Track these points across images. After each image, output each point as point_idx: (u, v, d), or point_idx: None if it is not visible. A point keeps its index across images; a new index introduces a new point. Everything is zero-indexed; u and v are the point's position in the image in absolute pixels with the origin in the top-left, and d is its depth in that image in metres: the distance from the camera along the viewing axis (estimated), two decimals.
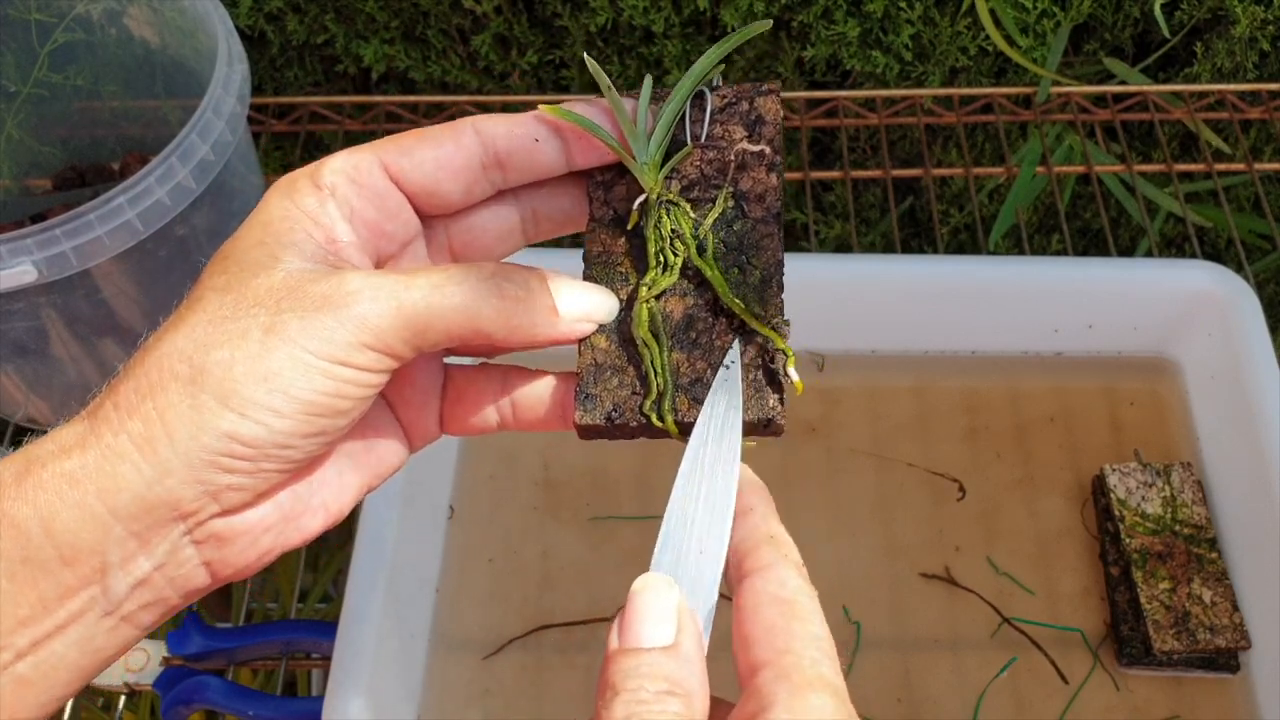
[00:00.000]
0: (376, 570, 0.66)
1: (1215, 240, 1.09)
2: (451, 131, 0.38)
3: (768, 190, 0.40)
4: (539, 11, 1.00)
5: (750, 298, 0.38)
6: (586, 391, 0.38)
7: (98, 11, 0.85)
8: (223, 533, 0.35)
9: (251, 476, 0.34)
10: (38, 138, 0.90)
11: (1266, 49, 0.97)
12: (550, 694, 0.69)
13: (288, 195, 0.37)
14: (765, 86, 0.42)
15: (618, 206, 0.41)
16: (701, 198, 0.40)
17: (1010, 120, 0.99)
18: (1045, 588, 0.72)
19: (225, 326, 0.33)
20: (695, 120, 0.42)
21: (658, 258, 0.39)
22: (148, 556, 0.34)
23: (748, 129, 0.41)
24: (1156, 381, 0.81)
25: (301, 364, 0.33)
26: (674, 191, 0.40)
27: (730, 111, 0.42)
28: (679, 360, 0.38)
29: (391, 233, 0.39)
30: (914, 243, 1.13)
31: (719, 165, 0.41)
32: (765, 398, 0.37)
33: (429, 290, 0.34)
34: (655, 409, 0.37)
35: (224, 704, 0.69)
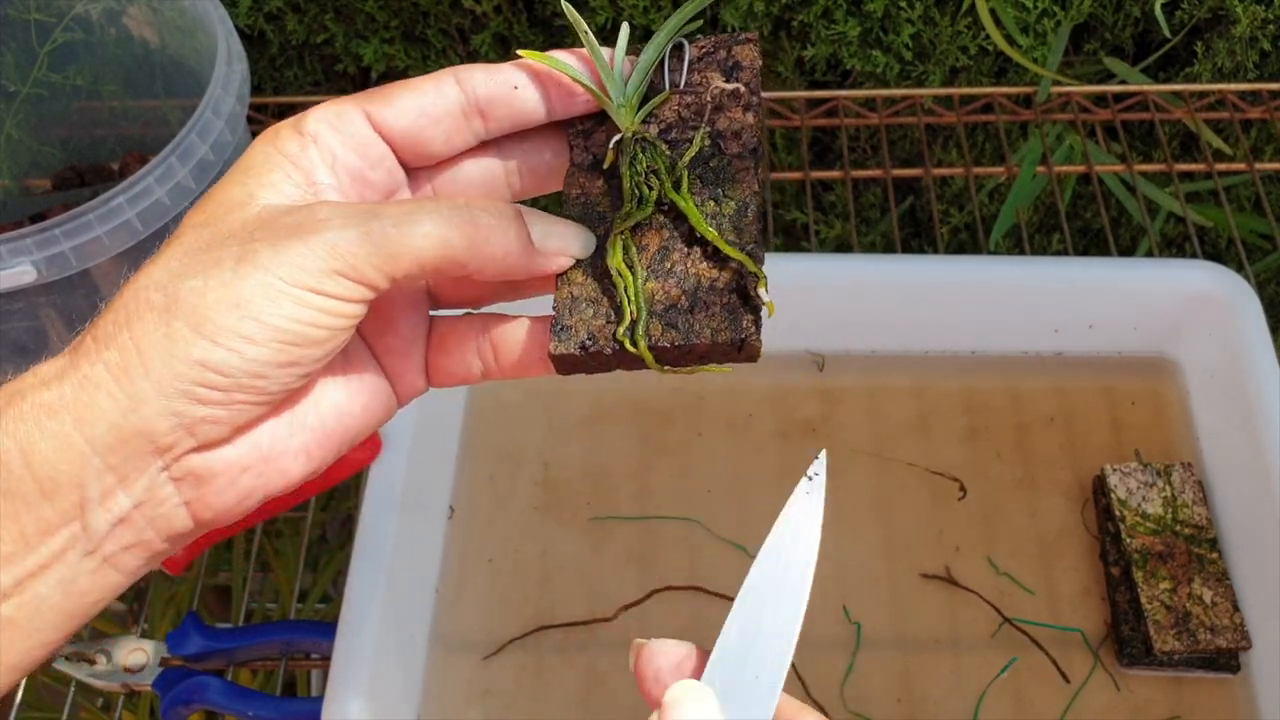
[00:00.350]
0: (376, 570, 0.66)
1: (1216, 240, 1.09)
2: (433, 80, 0.39)
3: (744, 128, 0.41)
4: (539, 11, 1.00)
5: (725, 227, 0.39)
6: (562, 323, 0.38)
7: (97, 11, 0.85)
8: (200, 470, 0.35)
9: (226, 408, 0.34)
10: (37, 137, 0.90)
11: (1267, 48, 0.97)
12: (550, 694, 0.69)
13: (270, 141, 0.37)
14: (743, 35, 0.43)
15: (597, 151, 0.41)
16: (679, 139, 0.41)
17: (1010, 120, 0.99)
18: (1046, 588, 0.72)
19: (200, 257, 0.34)
20: (674, 70, 0.43)
21: (633, 192, 0.39)
22: (127, 493, 0.34)
23: (725, 74, 0.42)
24: (1157, 381, 0.81)
25: (273, 290, 0.33)
26: (652, 134, 0.41)
27: (708, 60, 0.43)
28: (654, 289, 0.38)
29: (375, 181, 0.39)
30: (914, 243, 1.13)
31: (696, 108, 0.41)
32: (739, 319, 0.38)
33: (399, 217, 0.35)
34: (629, 334, 0.38)
35: (223, 704, 0.69)
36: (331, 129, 0.38)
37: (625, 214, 0.39)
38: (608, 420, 0.79)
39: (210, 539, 0.73)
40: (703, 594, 0.72)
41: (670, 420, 0.79)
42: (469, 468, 0.77)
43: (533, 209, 0.38)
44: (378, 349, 0.40)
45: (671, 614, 0.71)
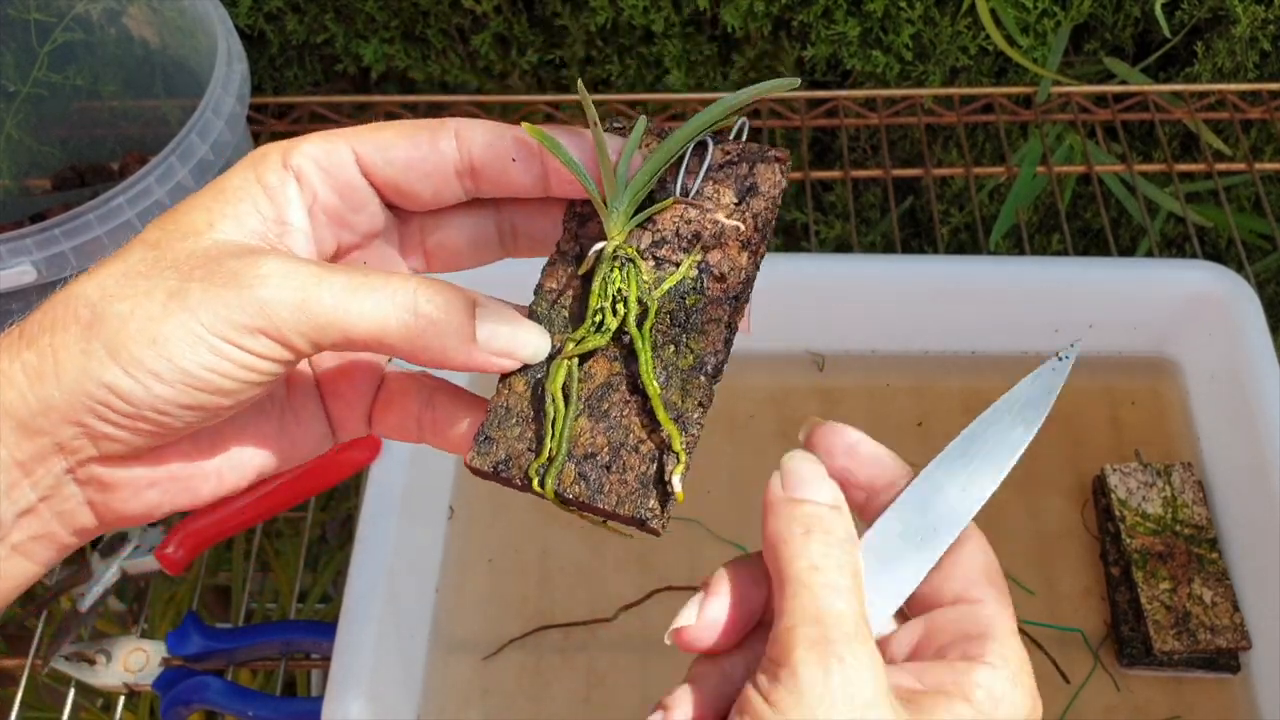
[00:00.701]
0: (376, 571, 0.66)
1: (1216, 240, 1.09)
2: (429, 132, 0.38)
3: (734, 269, 0.38)
4: (539, 11, 1.00)
5: (674, 382, 0.36)
6: (487, 434, 0.37)
7: (97, 11, 0.85)
8: (104, 479, 0.35)
9: (128, 432, 0.34)
10: (37, 138, 0.90)
11: (1267, 49, 0.97)
12: (550, 694, 0.69)
13: (253, 167, 0.37)
14: (772, 152, 0.39)
15: (585, 244, 0.39)
16: (667, 259, 0.38)
17: (1010, 120, 0.99)
18: (1046, 588, 0.72)
19: (135, 282, 0.34)
20: (691, 171, 0.39)
21: (594, 315, 0.37)
22: (32, 487, 0.34)
23: (739, 195, 0.39)
24: (1157, 381, 0.81)
25: (191, 335, 0.33)
26: (642, 245, 0.38)
27: (728, 170, 0.39)
28: (583, 428, 0.36)
29: (355, 224, 0.38)
30: (914, 243, 1.13)
31: (696, 228, 0.38)
32: (648, 496, 0.36)
33: (340, 290, 0.34)
34: (539, 473, 0.36)
35: (223, 704, 0.69)
36: (317, 167, 0.37)
37: (579, 338, 0.37)
38: None
39: (209, 539, 0.73)
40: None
41: None
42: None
43: (497, 302, 0.37)
44: (326, 391, 0.40)
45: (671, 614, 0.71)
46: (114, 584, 0.72)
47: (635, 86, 1.03)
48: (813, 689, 0.31)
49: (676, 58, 1.00)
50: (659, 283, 0.38)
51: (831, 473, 0.37)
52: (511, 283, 0.43)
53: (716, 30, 1.01)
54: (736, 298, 0.38)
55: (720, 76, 1.03)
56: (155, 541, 0.72)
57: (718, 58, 1.02)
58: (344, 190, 0.37)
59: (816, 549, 0.34)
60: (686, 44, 0.99)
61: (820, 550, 0.34)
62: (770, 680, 0.32)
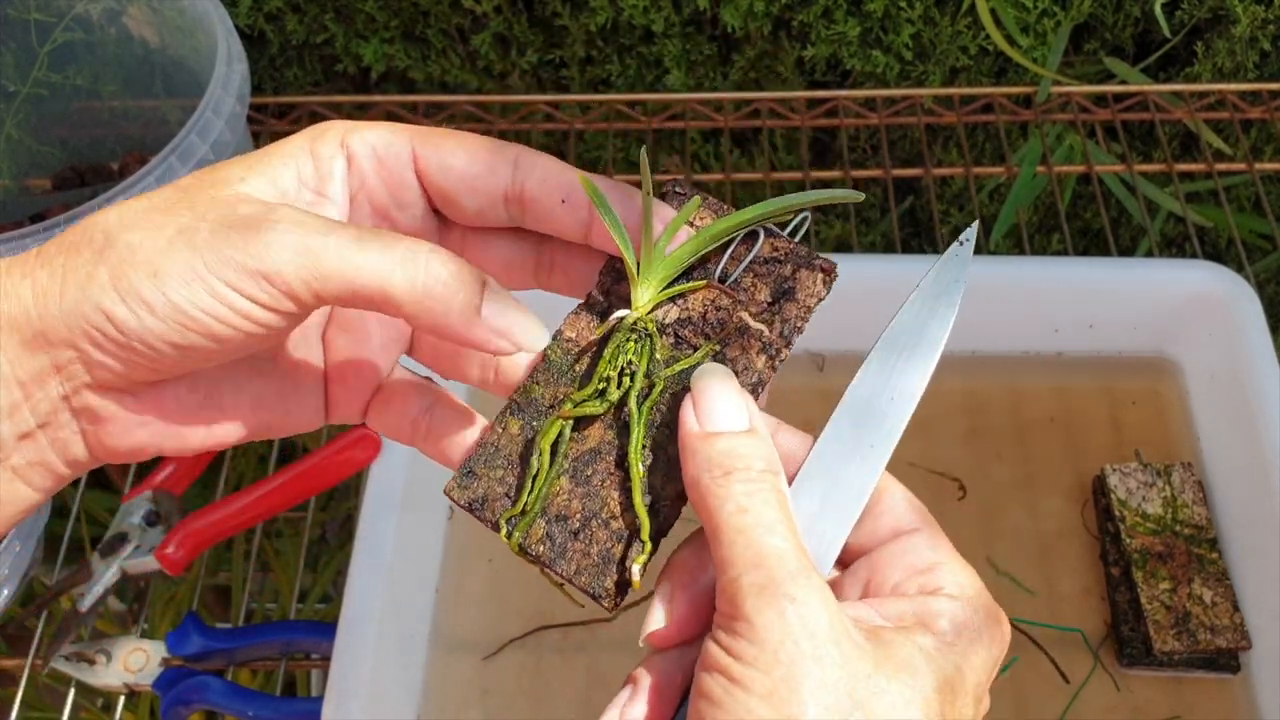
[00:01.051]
0: (376, 571, 0.66)
1: (1216, 240, 1.09)
2: (490, 152, 0.38)
3: (748, 370, 0.37)
4: (539, 11, 1.00)
5: (659, 466, 0.36)
6: (471, 468, 0.37)
7: (97, 11, 0.85)
8: (97, 409, 0.35)
9: (119, 361, 0.34)
10: (37, 137, 0.90)
11: (1267, 48, 0.97)
12: (550, 694, 0.69)
13: (313, 138, 0.37)
14: (820, 261, 0.38)
15: (615, 302, 0.38)
16: (688, 339, 0.38)
17: (1010, 120, 0.99)
18: (1046, 588, 0.72)
19: (153, 216, 0.34)
20: (737, 257, 0.38)
21: (599, 382, 0.36)
22: (31, 411, 0.34)
23: (774, 296, 0.38)
24: (1157, 381, 0.81)
25: (191, 272, 0.33)
26: (667, 319, 0.38)
27: (771, 267, 0.38)
28: (561, 489, 0.36)
29: (397, 220, 0.39)
30: (914, 243, 1.13)
31: (724, 317, 0.38)
32: (607, 573, 0.36)
33: (348, 241, 0.34)
34: (510, 524, 0.36)
35: (223, 704, 0.69)
36: (374, 155, 0.37)
37: (578, 401, 0.36)
38: None
39: (209, 539, 0.73)
40: None
41: None
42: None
43: (503, 291, 0.36)
44: (331, 374, 0.40)
45: None
46: (114, 584, 0.72)
47: (635, 86, 1.03)
48: (771, 634, 0.31)
49: (676, 57, 1.00)
50: (673, 361, 0.37)
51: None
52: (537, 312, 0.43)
53: (716, 30, 1.01)
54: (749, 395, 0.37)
55: (720, 76, 1.03)
56: (155, 541, 0.72)
57: (718, 57, 1.02)
58: (394, 185, 0.38)
59: (739, 489, 0.33)
60: (686, 44, 0.99)
61: (743, 489, 0.33)
62: (729, 634, 0.32)
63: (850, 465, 0.36)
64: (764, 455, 0.34)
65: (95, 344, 0.33)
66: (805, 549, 0.33)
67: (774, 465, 0.34)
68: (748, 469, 0.34)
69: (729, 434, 0.34)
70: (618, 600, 0.36)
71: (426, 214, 0.39)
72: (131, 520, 0.73)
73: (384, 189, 0.38)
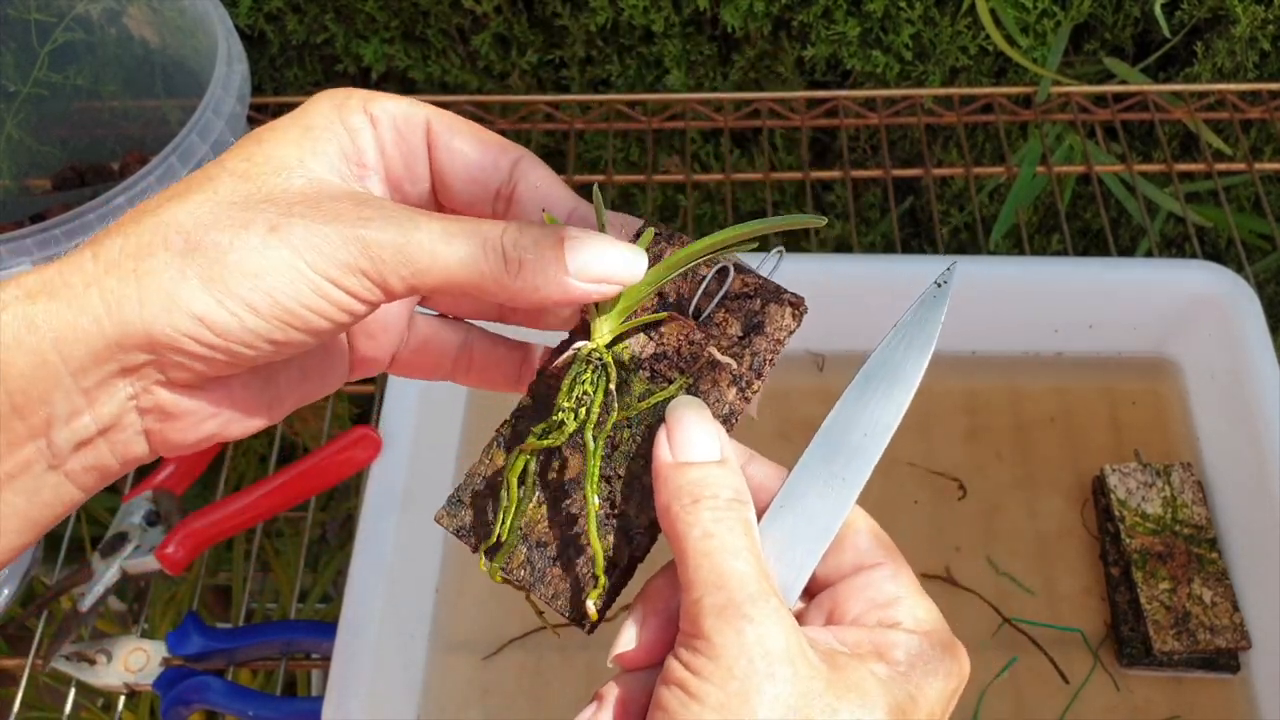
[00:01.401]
0: (376, 570, 0.66)
1: (1215, 240, 1.09)
2: (498, 147, 0.38)
3: (719, 402, 0.38)
4: (539, 11, 1.00)
5: (634, 496, 0.37)
6: (459, 497, 0.38)
7: (97, 11, 0.85)
8: (169, 407, 0.35)
9: (204, 362, 0.33)
10: (37, 137, 0.90)
11: (1267, 48, 0.97)
12: (550, 694, 0.69)
13: (337, 107, 0.37)
14: (788, 295, 0.39)
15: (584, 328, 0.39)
16: (663, 374, 0.38)
17: (1010, 120, 0.99)
18: (1046, 588, 0.72)
19: (231, 213, 0.33)
20: (710, 293, 0.39)
21: (556, 414, 0.37)
22: (93, 415, 0.34)
23: (744, 330, 0.39)
24: (1157, 381, 0.81)
25: (295, 271, 0.33)
26: (644, 353, 0.39)
27: (742, 302, 0.39)
28: (541, 517, 0.37)
29: (408, 194, 0.39)
30: (914, 243, 1.13)
31: (696, 351, 0.39)
32: (580, 600, 0.37)
33: (436, 236, 0.34)
34: (488, 555, 0.37)
35: (224, 704, 0.69)
36: (393, 126, 0.37)
37: (539, 434, 0.37)
38: None
39: (209, 539, 0.73)
40: None
41: None
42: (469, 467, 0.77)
43: (582, 231, 0.36)
44: (357, 329, 0.41)
45: None
46: (114, 584, 0.72)
47: (635, 86, 1.03)
48: (727, 651, 0.32)
49: (676, 57, 1.00)
50: (649, 395, 0.38)
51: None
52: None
53: (716, 30, 1.01)
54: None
55: (720, 76, 1.03)
56: (156, 541, 0.72)
57: (718, 57, 1.02)
58: (409, 157, 0.38)
59: (707, 515, 0.35)
60: (686, 44, 0.99)
61: (711, 516, 0.35)
62: (688, 651, 0.33)
63: (821, 498, 0.37)
64: (732, 485, 0.36)
65: (182, 350, 0.33)
66: (768, 574, 0.34)
67: (742, 495, 0.36)
68: (715, 497, 0.35)
69: (700, 464, 0.36)
70: (594, 626, 0.37)
71: (430, 193, 0.39)
72: (132, 520, 0.73)
73: (401, 161, 0.38)
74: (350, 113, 0.37)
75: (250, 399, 0.37)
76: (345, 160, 0.36)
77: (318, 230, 0.33)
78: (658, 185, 1.07)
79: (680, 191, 1.09)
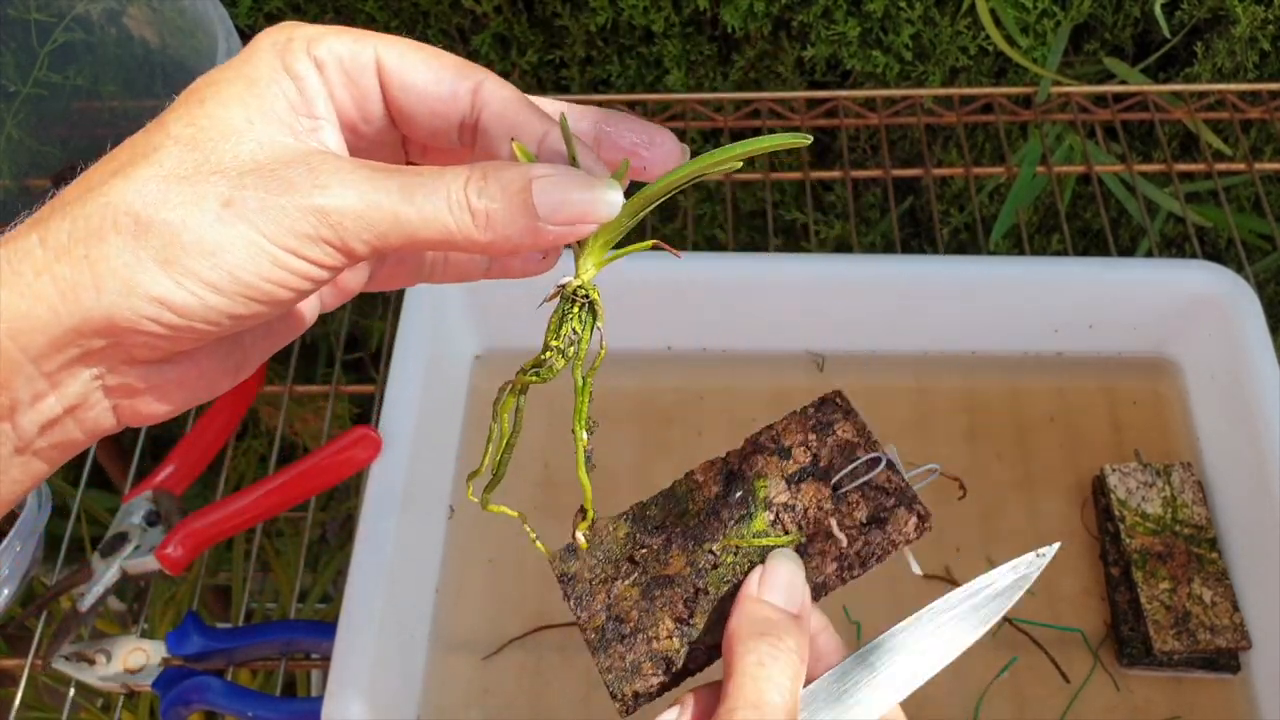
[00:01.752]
0: (376, 570, 0.66)
1: (1215, 240, 1.09)
2: (454, 75, 0.36)
3: (816, 570, 0.41)
4: (539, 11, 1.00)
5: (712, 618, 0.40)
6: (573, 546, 0.43)
7: (97, 11, 0.85)
8: (134, 383, 0.34)
9: (168, 341, 0.33)
10: (37, 137, 0.90)
11: (1267, 49, 0.97)
12: (550, 694, 0.69)
13: (279, 54, 0.35)
14: (920, 506, 0.42)
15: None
16: (784, 523, 0.41)
17: (1010, 120, 0.99)
18: (1046, 588, 0.72)
19: (181, 188, 0.32)
20: (856, 473, 0.42)
21: (543, 354, 0.37)
22: (58, 398, 0.33)
23: (869, 519, 0.42)
24: (1157, 381, 0.81)
25: (254, 246, 0.32)
26: (776, 499, 0.41)
27: (878, 492, 0.42)
28: (628, 596, 0.41)
29: (363, 134, 0.37)
30: (914, 243, 1.13)
31: (819, 518, 0.41)
32: (629, 681, 0.40)
33: (397, 195, 0.33)
34: (477, 490, 0.40)
35: (223, 704, 0.69)
36: (340, 68, 0.36)
37: (526, 369, 0.37)
38: (609, 420, 0.79)
39: (209, 539, 0.73)
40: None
41: (671, 420, 0.79)
42: (469, 467, 0.77)
43: (552, 167, 0.34)
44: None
45: None
46: (114, 584, 0.72)
47: (635, 86, 1.03)
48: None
49: (676, 58, 1.00)
50: (763, 535, 0.41)
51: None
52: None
53: (716, 30, 1.01)
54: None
55: (720, 76, 1.03)
56: (155, 541, 0.72)
57: (717, 58, 1.02)
58: (361, 100, 0.36)
59: (766, 648, 0.38)
60: (686, 44, 0.99)
61: (769, 651, 0.37)
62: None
63: (867, 691, 0.40)
64: (797, 638, 0.38)
65: (143, 332, 0.32)
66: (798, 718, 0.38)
67: (803, 652, 0.39)
68: (780, 640, 0.38)
69: (778, 608, 0.39)
70: (631, 709, 0.40)
71: (389, 126, 0.38)
72: (132, 520, 0.73)
73: (351, 102, 0.36)
74: (294, 58, 0.35)
75: (215, 366, 0.36)
76: (294, 113, 0.35)
77: (273, 203, 0.32)
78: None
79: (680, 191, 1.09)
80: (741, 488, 0.41)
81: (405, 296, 0.76)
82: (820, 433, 0.43)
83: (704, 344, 0.81)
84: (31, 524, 0.73)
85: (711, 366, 0.81)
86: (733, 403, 0.79)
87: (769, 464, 0.42)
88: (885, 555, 0.41)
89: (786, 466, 0.42)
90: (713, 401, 0.79)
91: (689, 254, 0.78)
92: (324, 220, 0.32)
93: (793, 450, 0.42)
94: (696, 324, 0.80)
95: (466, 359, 0.81)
